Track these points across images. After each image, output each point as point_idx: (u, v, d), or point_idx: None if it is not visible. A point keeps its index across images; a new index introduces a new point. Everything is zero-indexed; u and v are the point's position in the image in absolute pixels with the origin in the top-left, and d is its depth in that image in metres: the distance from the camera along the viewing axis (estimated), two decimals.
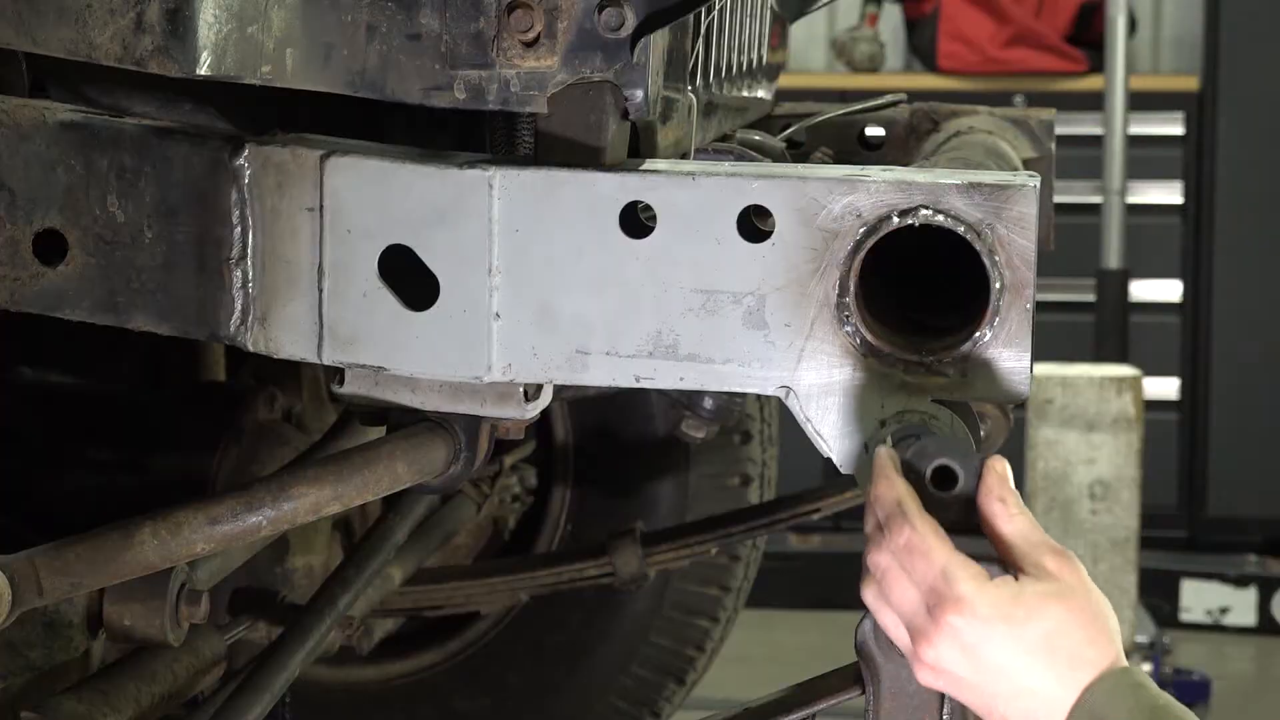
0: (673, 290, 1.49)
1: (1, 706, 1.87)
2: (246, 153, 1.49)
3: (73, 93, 1.69)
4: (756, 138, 2.09)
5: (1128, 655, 5.04)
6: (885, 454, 1.45)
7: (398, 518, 2.34)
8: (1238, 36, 6.16)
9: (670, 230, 1.48)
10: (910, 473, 1.45)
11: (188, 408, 2.45)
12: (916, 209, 1.47)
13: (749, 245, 1.48)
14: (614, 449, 3.13)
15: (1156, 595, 5.77)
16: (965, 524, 1.45)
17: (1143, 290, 6.18)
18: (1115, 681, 1.41)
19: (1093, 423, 5.06)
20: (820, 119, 2.50)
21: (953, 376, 1.50)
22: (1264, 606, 5.89)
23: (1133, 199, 6.07)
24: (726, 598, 3.23)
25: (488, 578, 2.91)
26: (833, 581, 5.90)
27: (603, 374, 1.51)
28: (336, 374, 1.56)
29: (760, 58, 2.26)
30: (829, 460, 1.53)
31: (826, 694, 1.63)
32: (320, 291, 1.49)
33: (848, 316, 1.49)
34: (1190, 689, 5.08)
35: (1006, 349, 1.49)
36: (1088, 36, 6.43)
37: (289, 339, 1.51)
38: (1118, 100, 5.92)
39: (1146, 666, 4.88)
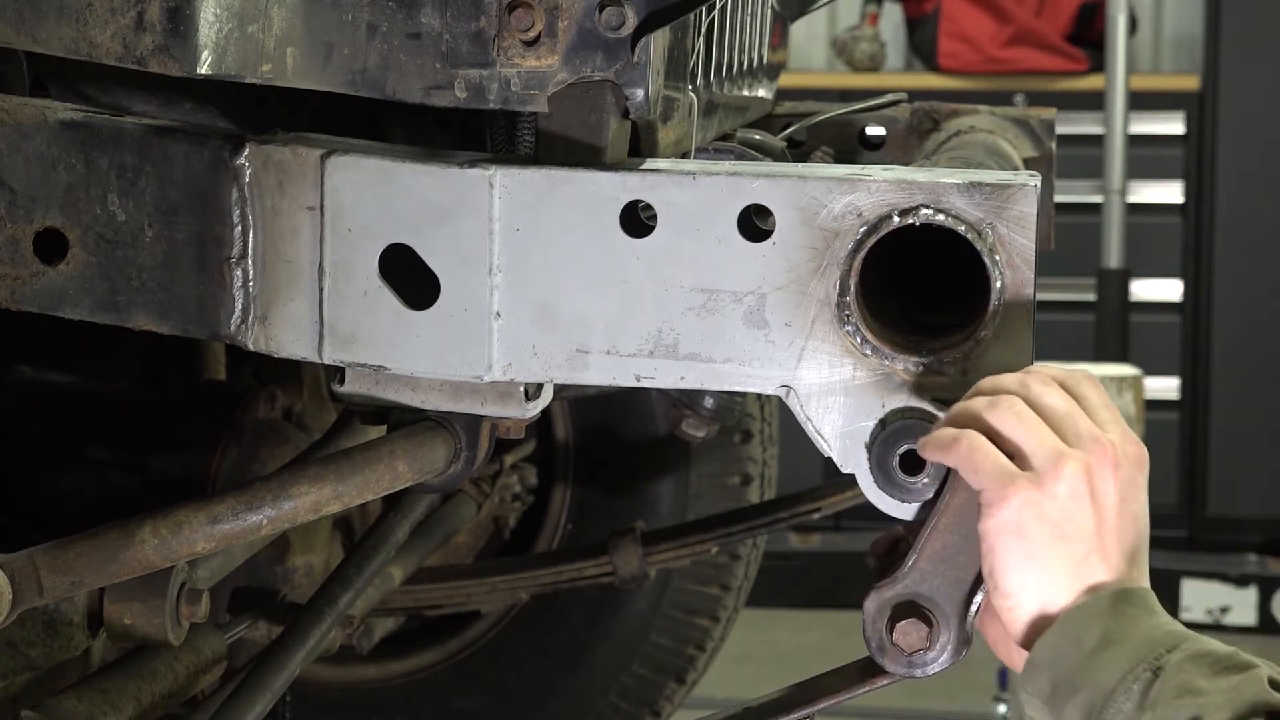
0: (673, 289, 1.49)
1: (2, 706, 1.87)
2: (247, 151, 1.49)
3: (73, 92, 1.69)
4: (757, 137, 2.09)
5: None
6: None
7: (398, 517, 2.34)
8: (1238, 36, 6.16)
9: (671, 229, 1.48)
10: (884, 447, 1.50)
11: (188, 407, 2.44)
12: (917, 208, 1.47)
13: (749, 244, 1.48)
14: (614, 448, 3.13)
15: (1157, 595, 5.77)
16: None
17: (1143, 290, 6.18)
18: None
19: None
20: (821, 118, 2.50)
21: (953, 376, 1.50)
22: (1264, 606, 5.89)
23: (1133, 199, 6.07)
24: (727, 597, 3.23)
25: (488, 577, 2.91)
26: (833, 581, 5.90)
27: (603, 373, 1.51)
28: (337, 373, 1.56)
29: (761, 57, 2.26)
30: (829, 460, 1.53)
31: (826, 693, 1.63)
32: (321, 290, 1.49)
33: (848, 316, 1.49)
34: None
35: (1007, 348, 1.49)
36: (1088, 36, 6.44)
37: (289, 338, 1.51)
38: (1118, 100, 5.92)
39: None
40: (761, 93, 2.35)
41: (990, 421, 1.44)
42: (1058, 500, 1.41)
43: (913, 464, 1.52)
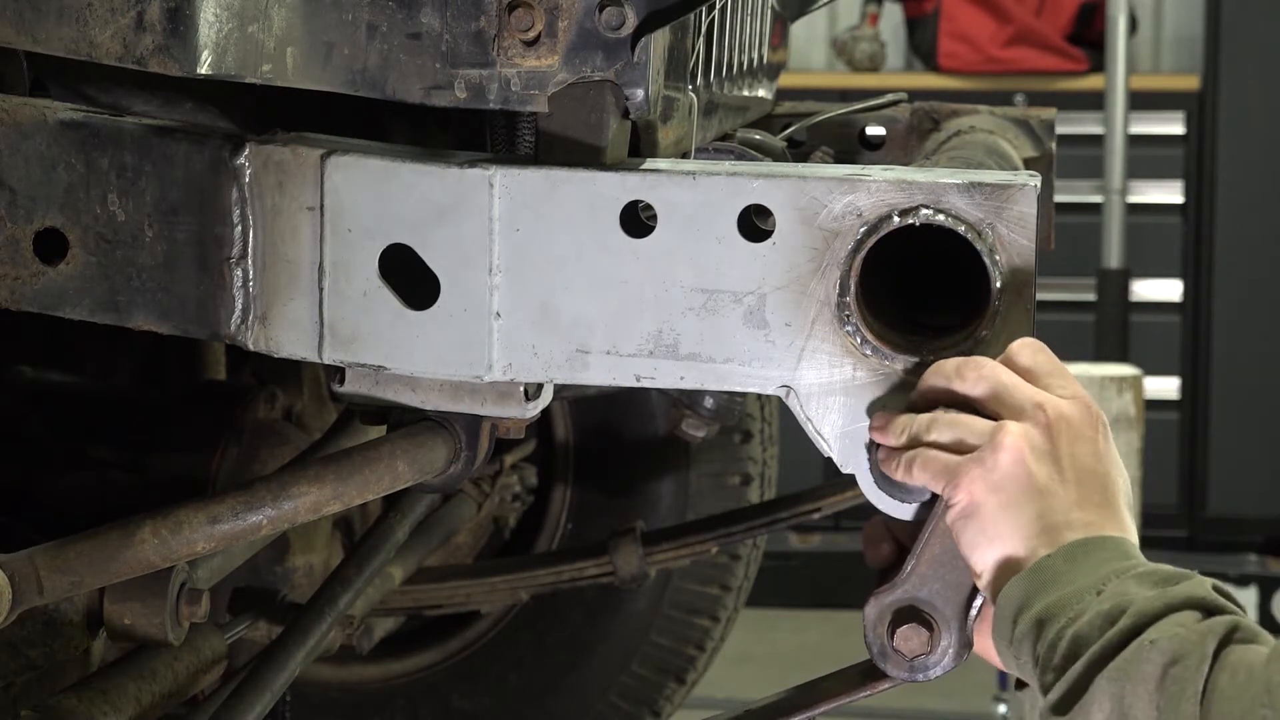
0: (673, 289, 1.49)
1: (2, 706, 1.87)
2: (247, 151, 1.49)
3: (73, 91, 1.69)
4: (757, 137, 2.09)
5: None
6: None
7: (398, 517, 2.34)
8: (1238, 36, 6.16)
9: (671, 230, 1.48)
10: None
11: (188, 407, 2.44)
12: (917, 208, 1.47)
13: (749, 245, 1.48)
14: (614, 448, 3.13)
15: None
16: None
17: (1143, 290, 6.18)
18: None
19: None
20: (821, 118, 2.50)
21: None
22: (1264, 606, 5.89)
23: (1133, 198, 6.07)
24: (727, 597, 3.23)
25: (488, 577, 2.91)
26: (833, 581, 5.90)
27: (603, 373, 1.51)
28: (337, 373, 1.56)
29: (761, 57, 2.26)
30: (829, 460, 1.53)
31: (827, 697, 1.63)
32: (321, 290, 1.49)
33: (848, 316, 1.49)
34: None
35: (1007, 348, 1.49)
36: (1088, 36, 6.44)
37: (289, 338, 1.51)
38: (1118, 100, 5.92)
39: None
40: (761, 93, 2.35)
41: (931, 440, 1.46)
42: (1000, 469, 1.42)
43: None
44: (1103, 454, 1.44)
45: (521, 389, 1.55)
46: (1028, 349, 1.47)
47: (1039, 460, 1.42)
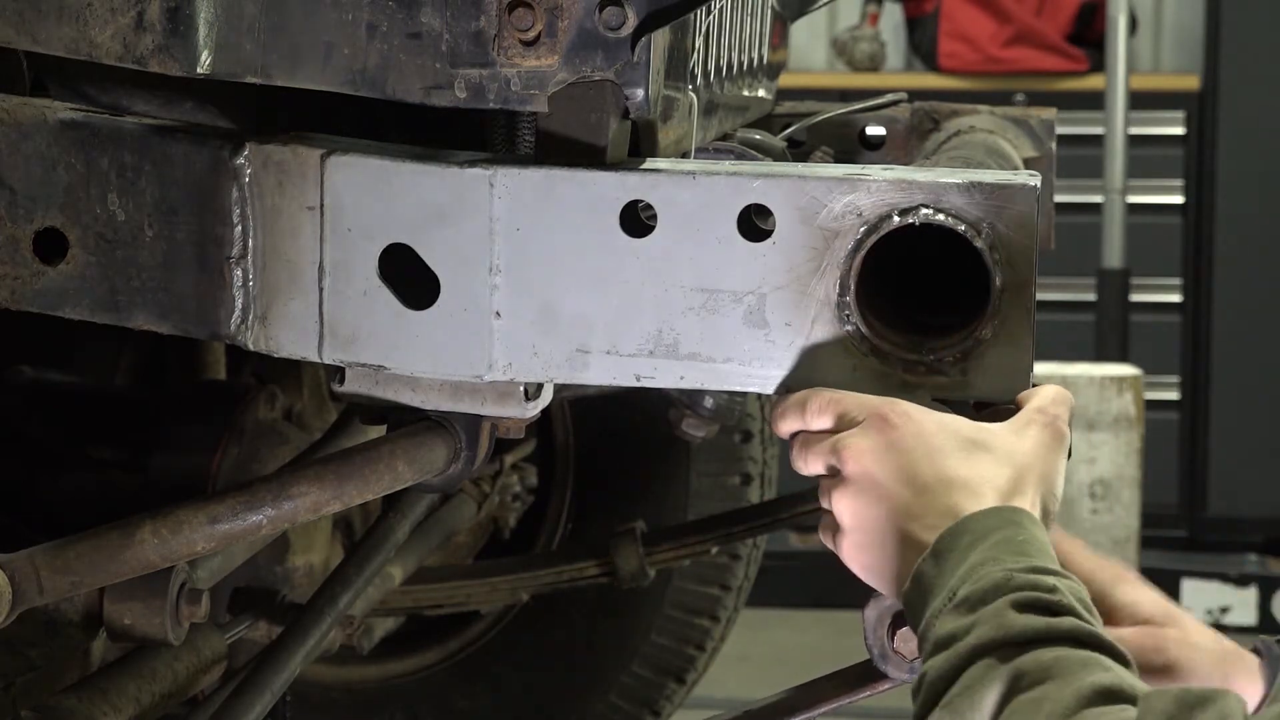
0: (673, 289, 1.49)
1: (2, 706, 1.87)
2: (247, 151, 1.49)
3: (73, 91, 1.69)
4: (757, 137, 2.09)
5: None
6: None
7: (398, 516, 2.34)
8: (1239, 36, 6.16)
9: (671, 229, 1.48)
10: None
11: (188, 407, 2.44)
12: (917, 208, 1.47)
13: (749, 244, 1.48)
14: (614, 448, 3.13)
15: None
16: None
17: (1143, 290, 6.18)
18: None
19: (1093, 422, 5.06)
20: (821, 118, 2.50)
21: (953, 375, 1.50)
22: (1264, 606, 5.89)
23: (1133, 199, 6.07)
24: (727, 597, 3.23)
25: (488, 577, 2.91)
26: (833, 581, 5.90)
27: (603, 373, 1.51)
28: (337, 373, 1.55)
29: (761, 57, 2.26)
30: None
31: (826, 697, 1.63)
32: (320, 290, 1.49)
33: (848, 315, 1.49)
34: None
35: (1007, 348, 1.49)
36: (1089, 35, 6.44)
37: (289, 338, 1.51)
38: (1118, 99, 5.92)
39: None
40: (761, 93, 2.35)
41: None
42: (855, 532, 1.42)
43: None
44: (906, 448, 1.42)
45: (521, 389, 1.55)
46: (813, 407, 1.46)
47: (870, 506, 1.41)
